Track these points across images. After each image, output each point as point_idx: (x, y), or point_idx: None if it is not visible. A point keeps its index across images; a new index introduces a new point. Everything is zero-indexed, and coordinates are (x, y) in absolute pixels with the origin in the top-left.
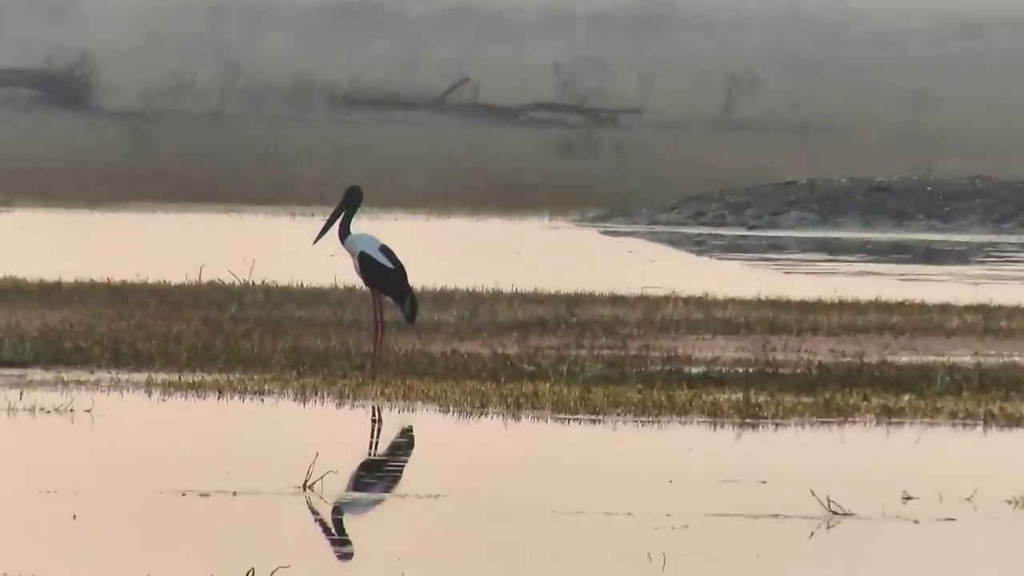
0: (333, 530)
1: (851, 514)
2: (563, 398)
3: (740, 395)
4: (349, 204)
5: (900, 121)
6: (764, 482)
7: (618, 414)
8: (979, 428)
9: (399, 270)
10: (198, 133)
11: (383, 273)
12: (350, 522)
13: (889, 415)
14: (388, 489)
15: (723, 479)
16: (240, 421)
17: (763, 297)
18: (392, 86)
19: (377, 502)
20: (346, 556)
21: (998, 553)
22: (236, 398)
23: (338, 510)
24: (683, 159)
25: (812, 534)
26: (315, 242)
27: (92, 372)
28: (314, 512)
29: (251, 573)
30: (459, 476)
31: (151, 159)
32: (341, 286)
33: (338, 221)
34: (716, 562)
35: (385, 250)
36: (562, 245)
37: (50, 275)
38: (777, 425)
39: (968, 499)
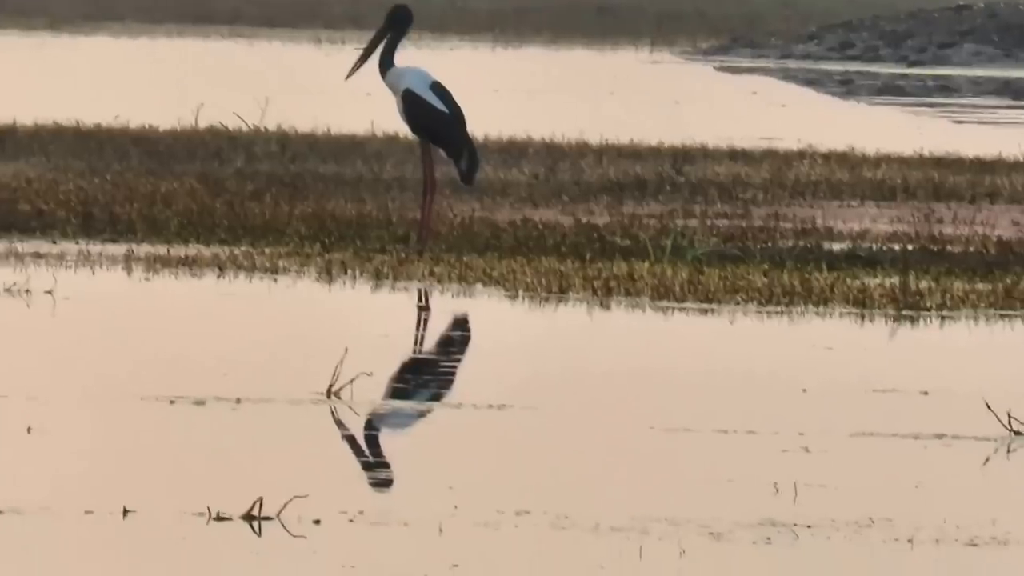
0: (365, 449)
1: None
2: (666, 281)
3: (896, 280)
4: (393, 28)
5: None
6: (926, 393)
7: (737, 303)
8: None
9: (455, 115)
10: None
11: (434, 118)
12: (387, 439)
13: None
14: (437, 397)
15: (873, 388)
16: (246, 308)
17: (926, 153)
18: None
19: (422, 414)
20: (382, 484)
21: None
22: (241, 278)
23: (372, 424)
24: None
25: (987, 459)
26: (348, 76)
27: (55, 242)
28: (341, 426)
29: (258, 504)
30: (529, 382)
31: None
32: (380, 134)
33: (379, 50)
34: (862, 495)
35: (438, 88)
36: (667, 84)
37: (1, 116)
38: (943, 319)
39: None
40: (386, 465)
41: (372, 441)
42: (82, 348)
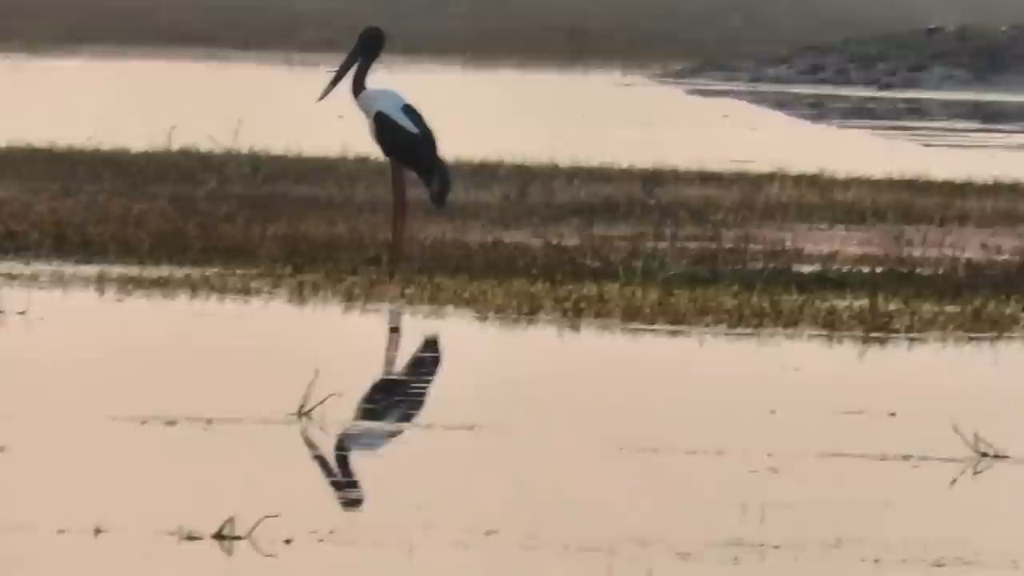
0: (336, 469)
1: (1004, 456)
2: (636, 303)
3: (865, 302)
4: (365, 52)
5: None
6: (893, 414)
7: (707, 324)
8: None
9: (426, 136)
10: None
11: (406, 139)
12: (358, 459)
13: None
14: (407, 418)
15: (841, 410)
16: (218, 329)
17: (896, 176)
18: None
19: (393, 434)
20: (352, 503)
21: None
22: (213, 299)
23: (343, 444)
24: None
25: (955, 480)
26: (321, 98)
27: (28, 263)
28: (312, 446)
29: (229, 523)
30: (499, 403)
31: None
32: (352, 156)
33: (351, 72)
34: (830, 515)
35: (409, 111)
36: (638, 106)
37: None
38: (912, 341)
39: None
40: (357, 485)
41: (343, 461)
42: (55, 368)
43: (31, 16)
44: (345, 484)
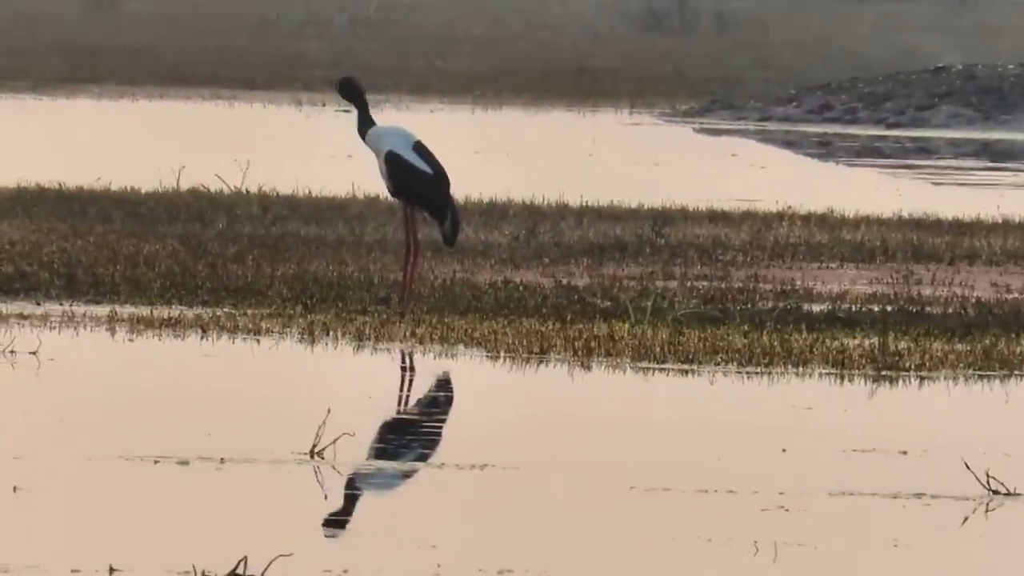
0: (348, 509)
1: (1016, 494)
2: (646, 342)
3: (875, 341)
4: (352, 99)
5: None
6: (904, 452)
7: (717, 363)
8: None
9: (440, 176)
10: None
11: (419, 179)
12: (370, 499)
13: None
14: (419, 457)
15: (852, 448)
16: (229, 369)
17: (905, 215)
18: None
19: (405, 473)
20: (365, 543)
21: None
22: (224, 339)
23: (355, 483)
24: (803, 37)
25: (966, 519)
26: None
27: (38, 304)
28: (324, 486)
29: (242, 563)
30: (511, 442)
31: (114, 28)
32: (361, 196)
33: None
34: (842, 554)
35: (420, 149)
36: (646, 145)
37: None
38: (922, 380)
39: None
40: (369, 524)
41: (355, 501)
42: (67, 408)
43: (38, 56)
44: (358, 524)
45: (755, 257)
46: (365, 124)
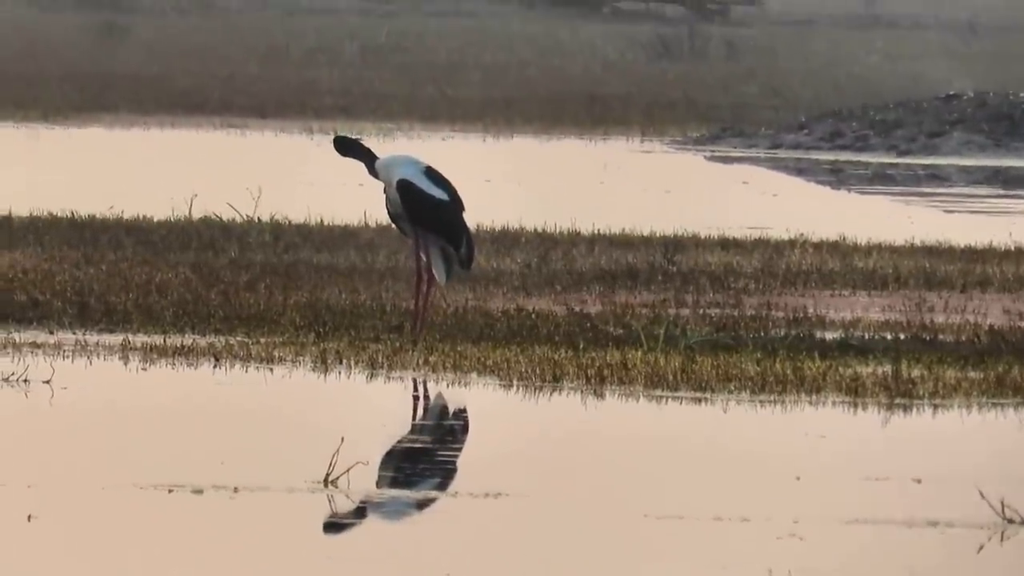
0: (362, 538)
1: None
2: (659, 370)
3: (888, 368)
4: (354, 155)
5: None
6: (919, 480)
7: (730, 391)
8: None
9: (455, 201)
10: (186, 26)
11: (435, 207)
12: (384, 527)
13: None
14: (433, 485)
15: (865, 476)
16: (242, 397)
17: (917, 242)
18: None
19: (418, 502)
20: (379, 571)
21: None
22: (237, 367)
23: (369, 512)
24: (814, 65)
25: (981, 547)
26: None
27: (51, 332)
28: (338, 514)
29: None
30: (524, 470)
31: (125, 59)
32: (373, 224)
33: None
34: None
35: (432, 175)
36: (658, 173)
37: None
38: (936, 407)
39: None
40: (383, 553)
41: (369, 529)
42: (80, 437)
43: (50, 84)
44: (371, 552)
45: (767, 284)
46: (371, 160)
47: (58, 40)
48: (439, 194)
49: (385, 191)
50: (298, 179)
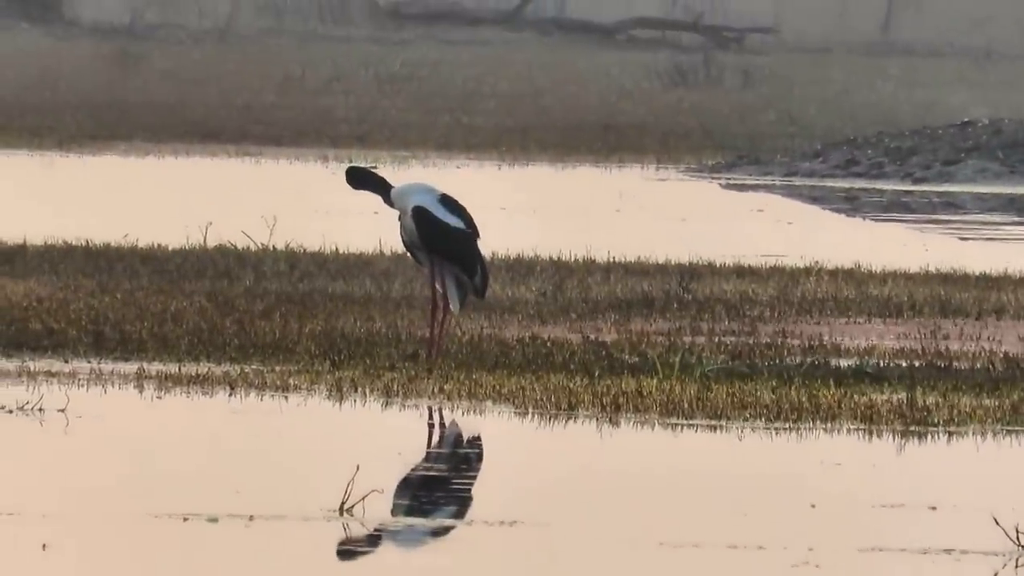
0: (377, 566)
1: None
2: (674, 398)
3: (903, 396)
4: (369, 186)
5: None
6: (934, 508)
7: (745, 419)
8: None
9: (470, 229)
10: (201, 54)
11: (450, 235)
12: (399, 556)
13: None
14: (448, 514)
15: (881, 503)
16: (257, 425)
17: (932, 270)
18: None
19: (434, 530)
20: None
21: None
22: (252, 396)
23: (384, 540)
24: (829, 93)
25: (996, 574)
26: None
27: (66, 361)
28: (353, 543)
29: None
30: (540, 499)
31: (141, 87)
32: (388, 252)
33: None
34: None
35: (448, 203)
36: (673, 201)
37: (11, 235)
38: (951, 435)
39: None
40: None
41: (384, 558)
42: (95, 466)
43: (65, 113)
44: None
45: (783, 312)
46: (386, 190)
47: (73, 69)
48: (454, 222)
49: (400, 219)
50: (313, 207)
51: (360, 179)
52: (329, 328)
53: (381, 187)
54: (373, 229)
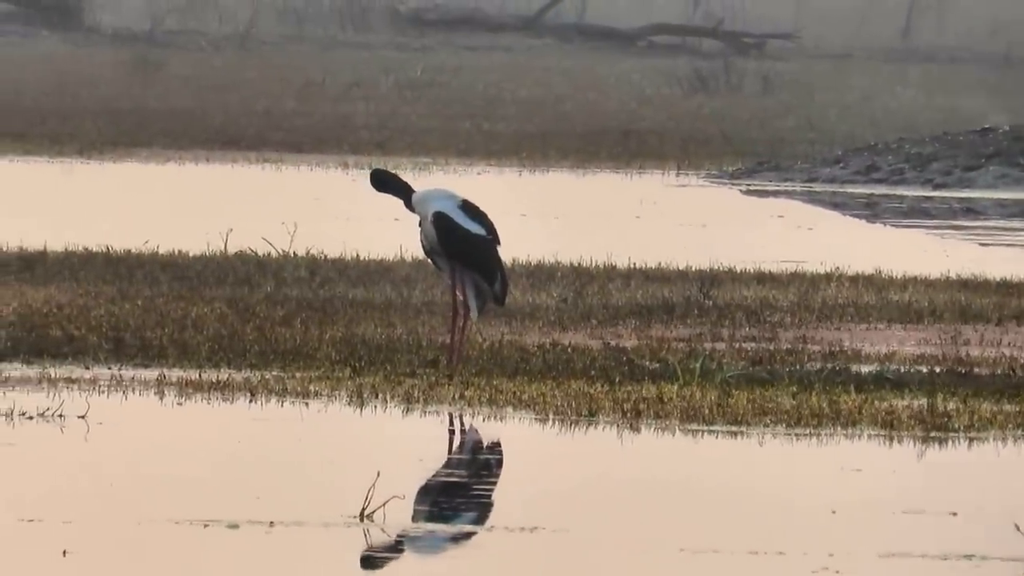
0: (398, 572)
1: None
2: (695, 404)
3: (923, 402)
4: (391, 190)
5: None
6: (954, 513)
7: (766, 425)
8: None
9: (491, 236)
10: (221, 61)
11: (470, 242)
12: (420, 562)
13: None
14: (469, 520)
15: (901, 509)
16: (278, 432)
17: (953, 276)
18: (473, 1)
19: (454, 536)
20: None
21: None
22: (273, 402)
23: (405, 546)
24: (849, 99)
25: None
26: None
27: (87, 367)
28: (374, 549)
29: None
30: (560, 505)
31: (161, 94)
32: (408, 258)
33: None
34: None
35: (469, 209)
36: (693, 207)
37: (32, 242)
38: (971, 441)
39: None
40: None
41: (405, 564)
42: (116, 472)
43: (85, 119)
44: None
45: (803, 318)
46: (408, 195)
47: (94, 75)
48: (475, 228)
49: (420, 224)
50: (334, 214)
51: (384, 182)
52: (349, 334)
53: (404, 192)
54: (393, 235)
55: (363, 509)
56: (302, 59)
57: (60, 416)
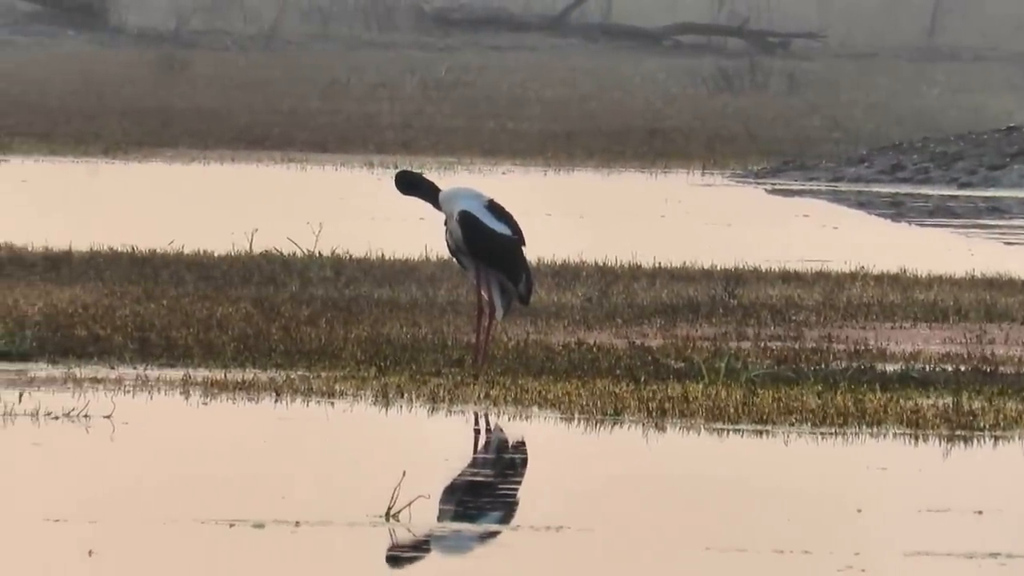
0: (424, 571)
1: None
2: (720, 403)
3: (949, 401)
4: (418, 191)
5: None
6: (980, 512)
7: (791, 424)
8: None
9: (516, 236)
10: (247, 60)
11: (496, 242)
12: (446, 561)
13: None
14: (494, 519)
15: (927, 508)
16: (303, 431)
17: (978, 275)
18: (498, 0)
19: (480, 536)
20: None
21: None
22: (298, 402)
23: (431, 546)
24: (875, 98)
25: None
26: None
27: (112, 367)
28: (399, 548)
29: None
30: (586, 503)
31: (186, 93)
32: (434, 258)
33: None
34: None
35: (494, 208)
36: (719, 206)
37: (58, 242)
38: (997, 439)
39: None
40: None
41: (431, 563)
42: (141, 472)
43: (110, 119)
44: None
45: (828, 317)
46: (435, 195)
47: (119, 75)
48: (500, 228)
49: (446, 224)
50: (359, 213)
51: (410, 184)
52: (375, 334)
53: (430, 193)
54: (419, 235)
55: (389, 508)
56: (327, 59)
57: (86, 416)
